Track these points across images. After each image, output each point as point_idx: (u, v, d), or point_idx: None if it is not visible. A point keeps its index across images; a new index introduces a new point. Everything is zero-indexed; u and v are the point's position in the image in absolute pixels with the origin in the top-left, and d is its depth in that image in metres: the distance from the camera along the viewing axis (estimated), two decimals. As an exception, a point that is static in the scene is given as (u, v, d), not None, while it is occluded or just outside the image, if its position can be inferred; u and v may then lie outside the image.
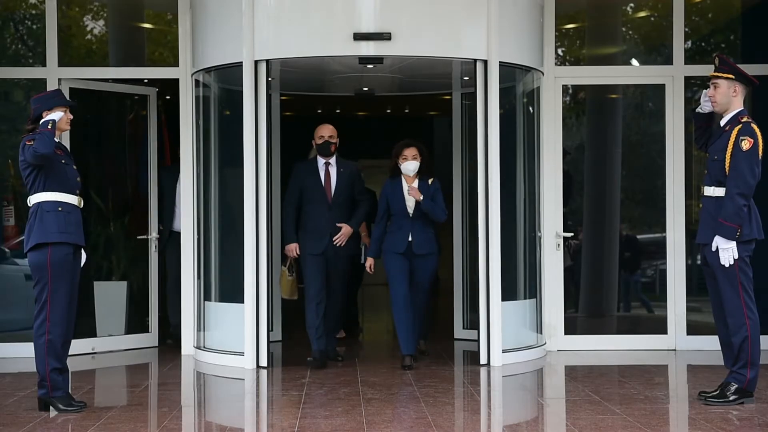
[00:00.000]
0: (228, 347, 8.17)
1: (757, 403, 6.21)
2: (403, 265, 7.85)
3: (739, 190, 6.09)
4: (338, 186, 8.01)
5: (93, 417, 5.97)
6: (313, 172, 8.04)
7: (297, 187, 8.05)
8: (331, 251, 7.94)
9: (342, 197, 8.02)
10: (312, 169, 8.07)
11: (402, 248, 7.84)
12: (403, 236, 7.84)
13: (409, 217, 7.84)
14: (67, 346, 6.24)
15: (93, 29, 9.39)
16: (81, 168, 6.61)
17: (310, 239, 7.95)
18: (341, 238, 7.94)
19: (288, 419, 5.92)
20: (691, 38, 9.43)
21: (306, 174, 8.04)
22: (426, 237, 7.87)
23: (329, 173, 8.03)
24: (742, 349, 6.18)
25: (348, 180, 8.04)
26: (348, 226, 8.00)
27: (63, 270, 6.11)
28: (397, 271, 7.84)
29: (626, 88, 9.57)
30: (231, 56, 8.07)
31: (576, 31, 9.63)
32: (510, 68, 8.22)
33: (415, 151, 7.93)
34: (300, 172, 8.08)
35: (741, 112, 6.28)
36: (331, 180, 8.01)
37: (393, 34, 7.73)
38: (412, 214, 7.84)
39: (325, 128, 8.06)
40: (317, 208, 7.96)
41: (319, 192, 7.97)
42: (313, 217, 7.96)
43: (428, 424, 5.68)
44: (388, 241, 7.91)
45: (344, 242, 7.96)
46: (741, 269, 6.17)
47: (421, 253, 7.85)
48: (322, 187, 7.99)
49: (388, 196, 7.92)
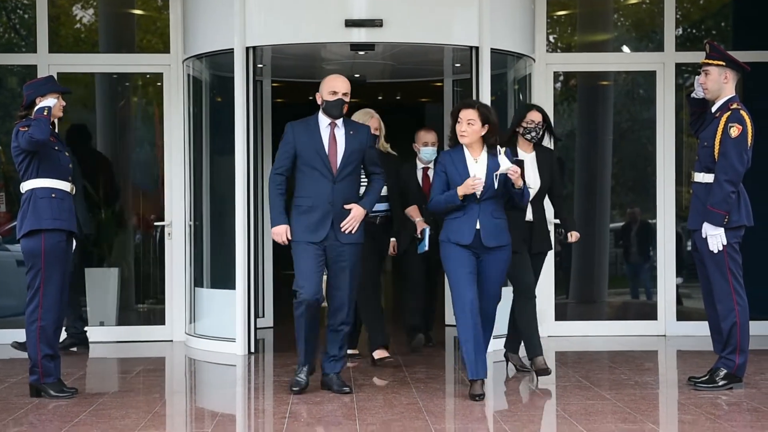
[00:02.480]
0: (219, 334, 8.19)
1: (746, 389, 6.26)
2: (470, 261, 6.06)
3: (728, 177, 6.12)
4: (347, 153, 6.16)
5: (84, 403, 5.99)
6: (313, 134, 6.17)
7: (290, 151, 6.17)
8: (333, 239, 6.17)
9: (350, 168, 6.18)
10: (312, 129, 6.19)
11: (468, 239, 6.03)
12: (470, 224, 6.02)
13: (476, 199, 6.03)
14: (59, 332, 6.25)
15: (82, 18, 9.38)
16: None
17: (306, 223, 6.13)
18: (351, 222, 6.12)
19: (279, 405, 5.94)
20: (682, 25, 9.46)
21: (304, 135, 6.18)
22: (498, 225, 6.09)
23: (335, 136, 6.18)
24: (731, 334, 6.21)
25: (359, 146, 6.21)
26: (359, 206, 6.19)
27: (56, 257, 6.11)
28: (463, 270, 6.03)
29: (617, 75, 9.60)
30: (222, 43, 8.07)
31: (567, 18, 9.64)
32: (501, 55, 8.24)
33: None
34: (295, 133, 6.19)
35: (732, 99, 6.30)
36: (338, 145, 6.17)
37: (384, 20, 7.74)
38: (481, 195, 6.05)
39: (338, 81, 6.25)
40: (318, 181, 6.11)
41: (321, 160, 6.12)
42: (312, 193, 6.12)
43: (419, 409, 5.71)
44: (449, 230, 6.09)
45: (356, 228, 6.19)
46: (730, 255, 6.20)
47: (492, 245, 6.07)
48: (324, 154, 6.13)
49: (448, 169, 6.11)
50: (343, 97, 6.17)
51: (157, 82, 9.05)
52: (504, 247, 6.11)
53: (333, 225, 6.09)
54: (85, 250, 8.51)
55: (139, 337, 8.82)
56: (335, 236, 6.10)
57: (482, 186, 5.95)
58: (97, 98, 9.50)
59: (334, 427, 5.28)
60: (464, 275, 6.01)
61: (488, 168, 6.00)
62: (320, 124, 6.20)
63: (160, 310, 8.98)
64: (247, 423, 5.76)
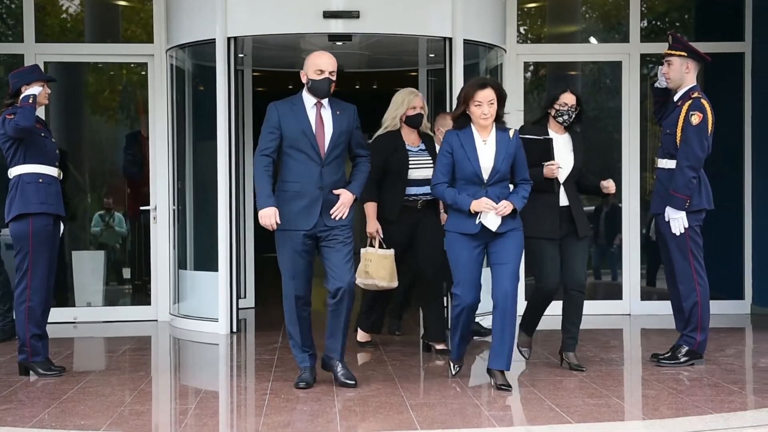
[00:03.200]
0: (202, 314, 8.17)
1: (707, 365, 6.30)
2: (477, 257, 5.56)
3: (689, 163, 6.14)
4: (335, 134, 5.62)
5: (72, 381, 5.96)
6: (298, 115, 5.62)
7: (275, 132, 5.60)
8: (322, 226, 5.63)
9: (338, 150, 5.66)
10: (297, 110, 5.64)
11: (475, 228, 5.52)
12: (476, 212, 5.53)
13: (484, 184, 5.52)
14: (46, 313, 6.21)
15: (68, 8, 9.29)
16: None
17: (294, 209, 5.59)
18: (341, 209, 5.62)
19: (260, 382, 5.93)
20: (647, 17, 9.47)
21: (289, 116, 5.61)
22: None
23: (321, 117, 5.65)
24: (693, 313, 6.25)
25: (347, 127, 5.68)
26: (348, 191, 5.68)
27: (43, 240, 6.07)
28: (471, 267, 5.55)
29: (585, 65, 9.61)
30: (204, 33, 8.01)
31: (537, 10, 9.64)
32: (474, 46, 8.23)
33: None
34: (280, 113, 5.63)
35: (693, 88, 6.32)
36: (325, 126, 5.64)
37: (361, 12, 7.71)
38: (488, 178, 5.54)
39: (324, 58, 5.65)
40: (305, 165, 5.58)
41: (309, 142, 5.58)
42: (300, 177, 5.59)
43: (395, 386, 5.72)
44: (455, 219, 5.59)
45: (345, 215, 5.68)
46: (691, 238, 6.23)
47: (501, 231, 5.53)
48: (312, 135, 5.59)
49: (455, 151, 5.53)
50: (330, 75, 5.59)
51: (142, 71, 8.98)
52: (514, 230, 5.54)
53: (322, 211, 5.58)
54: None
55: (125, 317, 8.78)
56: (323, 222, 5.60)
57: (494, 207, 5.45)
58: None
59: (313, 402, 5.28)
60: (471, 272, 5.55)
61: (497, 147, 5.51)
62: (305, 104, 5.64)
63: (146, 291, 8.95)
64: (229, 399, 5.75)
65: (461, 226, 5.53)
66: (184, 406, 5.49)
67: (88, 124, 9.55)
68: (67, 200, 7.67)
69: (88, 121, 9.56)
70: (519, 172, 5.62)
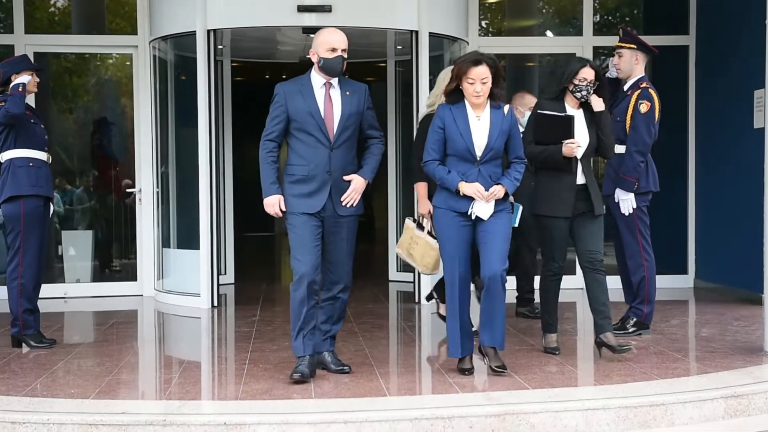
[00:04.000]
0: (185, 289, 8.16)
1: (653, 335, 6.38)
2: (466, 232, 5.08)
3: (637, 148, 6.19)
4: (344, 116, 5.04)
5: (62, 352, 5.95)
6: (306, 96, 5.02)
7: (282, 115, 5.02)
8: (332, 211, 5.06)
9: (348, 133, 5.07)
10: (305, 90, 5.04)
11: (465, 206, 5.04)
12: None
13: (476, 161, 5.04)
14: (38, 289, 6.18)
15: (56, 2, 9.19)
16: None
17: (301, 192, 5.01)
18: (352, 195, 5.04)
19: (240, 353, 5.94)
20: (599, 12, 9.51)
21: (296, 97, 5.01)
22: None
23: (330, 97, 5.06)
24: (640, 287, 6.32)
25: (357, 108, 5.09)
26: (360, 177, 5.09)
27: (35, 220, 6.04)
28: (457, 242, 5.07)
29: (542, 57, 9.64)
30: (186, 25, 7.96)
31: (497, 5, 9.65)
32: (439, 38, 8.24)
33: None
34: (286, 95, 5.03)
35: (642, 78, 6.37)
36: (334, 107, 5.05)
37: (333, 6, 7.69)
38: (481, 156, 5.05)
39: (336, 35, 5.05)
40: (314, 148, 5.00)
41: (317, 124, 5.00)
42: (308, 161, 5.00)
43: (365, 355, 5.74)
44: (445, 196, 5.10)
45: (357, 201, 5.10)
46: (639, 218, 6.29)
47: (496, 210, 5.08)
48: (320, 117, 5.00)
49: (447, 126, 5.04)
50: (343, 53, 5.01)
51: (126, 61, 8.91)
52: (502, 211, 5.08)
53: (331, 196, 5.01)
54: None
55: (112, 293, 8.75)
56: (333, 208, 5.02)
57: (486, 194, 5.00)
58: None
59: (290, 371, 5.29)
60: (457, 247, 5.05)
61: (491, 123, 5.03)
62: (314, 84, 5.04)
63: (132, 268, 8.91)
64: (211, 369, 5.75)
65: (450, 203, 5.05)
66: (168, 375, 5.49)
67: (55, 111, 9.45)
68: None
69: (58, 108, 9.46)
70: (513, 150, 5.14)
